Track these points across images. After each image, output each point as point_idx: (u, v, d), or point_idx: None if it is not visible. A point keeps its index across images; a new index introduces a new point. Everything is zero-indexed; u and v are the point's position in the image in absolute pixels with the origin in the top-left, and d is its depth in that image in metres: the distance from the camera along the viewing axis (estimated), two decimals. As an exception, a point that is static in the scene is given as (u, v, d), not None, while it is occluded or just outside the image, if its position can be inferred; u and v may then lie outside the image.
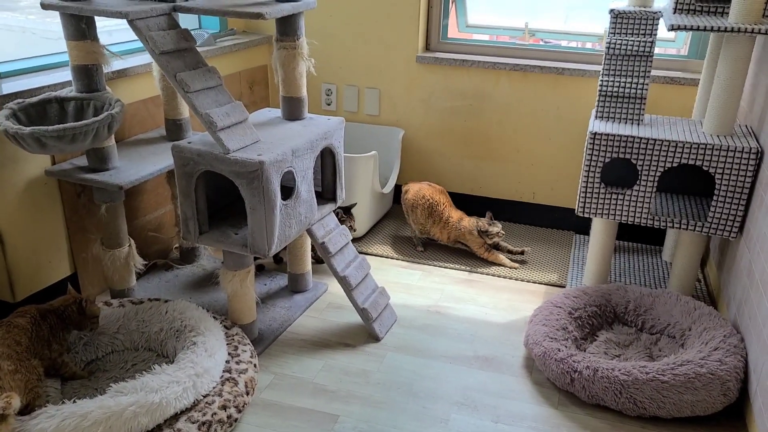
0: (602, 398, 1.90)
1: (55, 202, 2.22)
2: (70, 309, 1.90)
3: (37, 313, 1.84)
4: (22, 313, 1.83)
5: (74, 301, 1.91)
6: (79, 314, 1.90)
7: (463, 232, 2.77)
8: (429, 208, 2.81)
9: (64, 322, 1.90)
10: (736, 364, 1.87)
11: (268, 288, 2.54)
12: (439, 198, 2.83)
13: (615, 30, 2.35)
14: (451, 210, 2.83)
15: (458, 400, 1.98)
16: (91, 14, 1.89)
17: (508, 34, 3.13)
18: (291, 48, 2.09)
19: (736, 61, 2.11)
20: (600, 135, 2.25)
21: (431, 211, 2.81)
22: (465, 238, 2.78)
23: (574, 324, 2.18)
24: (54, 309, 1.89)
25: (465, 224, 2.78)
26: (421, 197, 2.82)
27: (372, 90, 3.17)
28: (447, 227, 2.80)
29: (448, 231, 2.80)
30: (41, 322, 1.83)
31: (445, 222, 2.80)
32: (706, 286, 2.61)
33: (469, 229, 2.76)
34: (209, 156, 1.88)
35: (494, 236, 2.75)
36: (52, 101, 1.98)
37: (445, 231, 2.81)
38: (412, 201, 2.84)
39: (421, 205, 2.82)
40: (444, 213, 2.81)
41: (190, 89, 1.85)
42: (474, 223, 2.77)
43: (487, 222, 2.76)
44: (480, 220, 2.77)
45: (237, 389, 1.84)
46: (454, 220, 2.80)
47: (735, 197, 2.18)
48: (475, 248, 2.79)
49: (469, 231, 2.76)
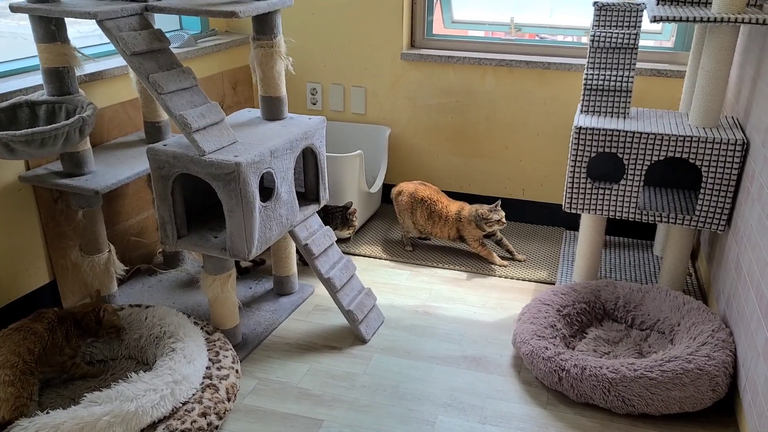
0: (591, 397, 1.87)
1: (30, 209, 2.17)
2: (89, 317, 1.90)
3: (55, 318, 1.86)
4: (40, 318, 1.84)
5: (93, 309, 1.91)
6: (96, 323, 1.91)
7: (463, 223, 2.70)
8: (428, 209, 2.74)
9: (81, 330, 1.90)
10: (724, 359, 1.84)
11: (254, 291, 2.50)
12: (437, 197, 2.77)
13: (599, 23, 2.31)
14: (450, 205, 2.76)
15: (445, 401, 1.95)
16: (60, 15, 1.85)
17: (494, 30, 3.10)
18: (268, 47, 2.06)
19: (720, 51, 2.08)
20: (585, 129, 2.21)
21: (431, 212, 2.74)
22: (464, 229, 2.71)
23: (562, 321, 2.14)
24: (72, 314, 1.90)
25: (465, 213, 2.71)
26: (420, 199, 2.75)
27: (358, 88, 3.14)
28: (447, 224, 2.73)
29: (449, 228, 2.74)
30: (57, 328, 1.84)
31: (446, 219, 2.73)
32: (697, 280, 2.58)
33: (468, 218, 2.69)
34: (185, 158, 1.85)
35: (493, 223, 2.65)
36: (22, 105, 1.94)
37: (446, 228, 2.74)
38: (409, 203, 2.78)
39: (420, 207, 2.75)
40: (443, 211, 2.74)
41: (164, 90, 1.81)
42: (474, 210, 2.69)
43: (489, 208, 2.66)
44: (482, 207, 2.68)
45: (218, 396, 1.81)
46: (452, 214, 2.73)
47: (722, 190, 2.14)
48: (470, 240, 2.73)
49: (468, 221, 2.69)
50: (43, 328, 1.81)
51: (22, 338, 1.75)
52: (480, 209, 2.67)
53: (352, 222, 2.74)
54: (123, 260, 2.35)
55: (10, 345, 1.73)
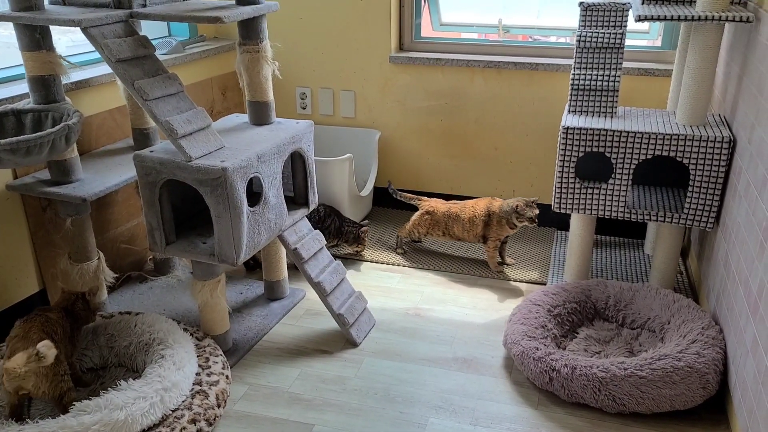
0: (581, 396, 1.87)
1: (18, 217, 2.17)
2: (78, 305, 1.89)
3: (62, 310, 1.86)
4: (50, 309, 1.85)
5: (78, 296, 1.90)
6: (86, 309, 1.90)
7: (492, 218, 2.60)
8: (455, 220, 2.67)
9: (76, 320, 1.89)
10: (714, 357, 1.84)
11: (244, 296, 2.50)
12: (461, 205, 2.70)
13: (585, 23, 2.32)
14: (476, 204, 2.67)
15: (436, 403, 1.94)
16: (44, 24, 1.84)
17: (486, 32, 3.10)
18: (254, 52, 2.06)
19: (705, 49, 2.09)
20: (573, 129, 2.22)
21: (458, 220, 2.67)
22: (491, 225, 2.61)
23: (553, 321, 2.15)
24: (65, 307, 1.89)
25: (495, 209, 2.61)
26: (454, 215, 2.68)
27: (347, 92, 3.14)
28: (474, 225, 2.64)
29: (475, 228, 2.64)
30: (66, 319, 1.85)
31: (472, 221, 2.64)
32: (687, 278, 2.58)
33: (499, 214, 2.59)
34: (171, 164, 1.84)
35: (524, 220, 2.54)
36: (8, 114, 1.93)
37: (472, 230, 2.65)
38: (444, 220, 2.70)
39: (448, 222, 2.69)
40: (470, 213, 2.65)
41: (149, 97, 1.81)
42: (507, 204, 2.58)
43: (526, 203, 2.54)
44: (518, 201, 2.55)
45: (208, 402, 1.80)
46: (480, 211, 2.63)
47: (710, 187, 2.15)
48: (491, 239, 2.64)
49: (499, 217, 2.58)
50: (57, 317, 1.82)
51: (44, 321, 1.77)
52: (517, 203, 2.55)
53: (363, 241, 2.75)
54: (113, 268, 2.35)
55: (38, 326, 1.74)
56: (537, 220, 2.56)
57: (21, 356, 1.59)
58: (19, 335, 1.71)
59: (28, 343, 1.66)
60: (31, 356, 1.58)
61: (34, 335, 1.70)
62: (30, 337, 1.69)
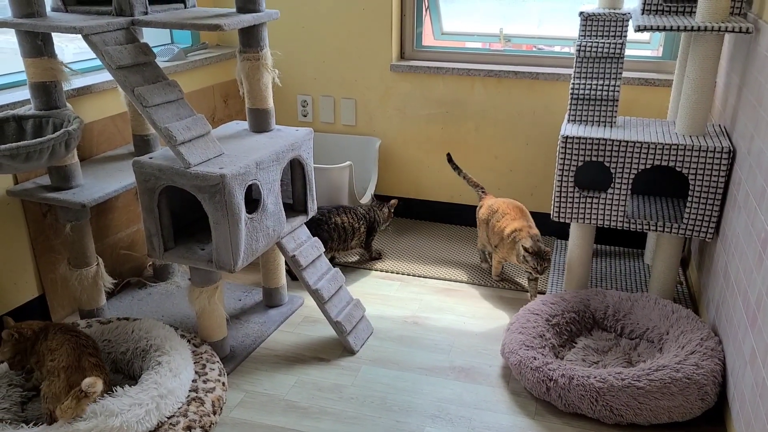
0: (579, 407, 1.86)
1: (18, 223, 2.18)
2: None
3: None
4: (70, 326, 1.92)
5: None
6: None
7: (506, 241, 2.46)
8: (493, 224, 2.56)
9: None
10: (713, 368, 1.83)
11: (243, 303, 2.50)
12: (504, 212, 2.55)
13: (585, 32, 2.33)
14: (513, 222, 2.49)
15: (433, 412, 1.93)
16: (46, 30, 1.86)
17: (483, 41, 3.11)
18: (254, 59, 2.07)
19: (705, 60, 2.09)
20: (572, 138, 2.22)
21: (493, 228, 2.56)
22: (505, 245, 2.48)
23: (551, 331, 2.14)
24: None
25: (509, 231, 2.46)
26: (494, 211, 2.58)
27: (348, 100, 3.15)
28: (504, 244, 2.50)
29: (494, 239, 2.55)
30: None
31: (500, 237, 2.51)
32: (688, 288, 2.57)
33: (511, 240, 2.44)
34: (170, 171, 1.85)
35: (530, 269, 2.38)
36: (9, 120, 1.94)
37: (503, 249, 2.52)
38: (485, 216, 2.62)
39: (491, 220, 2.58)
40: (501, 227, 2.51)
41: (149, 103, 1.82)
42: (519, 236, 2.41)
43: (536, 250, 2.34)
44: (531, 240, 2.37)
45: (203, 409, 1.80)
46: (507, 232, 2.48)
47: (709, 198, 2.15)
48: (499, 253, 2.53)
49: (511, 243, 2.44)
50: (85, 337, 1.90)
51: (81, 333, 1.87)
52: (525, 243, 2.36)
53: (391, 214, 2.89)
54: (113, 273, 2.35)
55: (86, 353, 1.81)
56: (540, 274, 2.40)
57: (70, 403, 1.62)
58: (72, 366, 1.74)
59: (82, 374, 1.72)
60: (80, 398, 1.62)
61: (85, 363, 1.76)
62: (83, 366, 1.75)
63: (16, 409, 1.79)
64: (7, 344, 1.83)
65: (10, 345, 1.83)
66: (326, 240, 2.62)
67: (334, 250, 2.70)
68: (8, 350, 1.83)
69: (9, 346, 1.83)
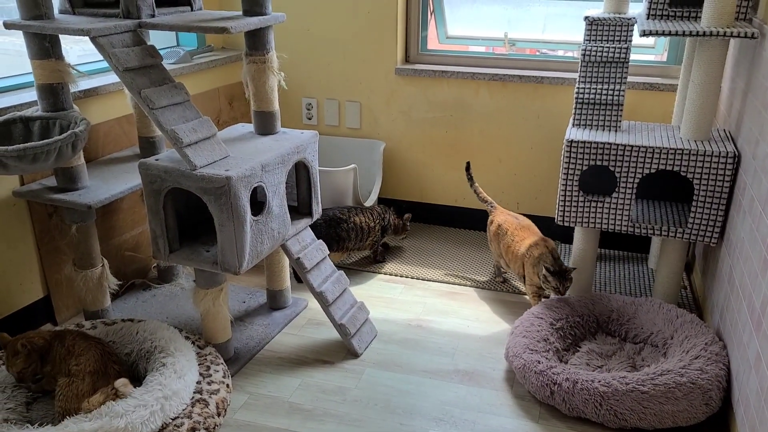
0: (583, 411, 1.86)
1: (24, 224, 2.18)
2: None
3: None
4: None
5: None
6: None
7: (528, 259, 2.34)
8: (505, 240, 2.48)
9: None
10: (717, 373, 1.83)
11: (247, 305, 2.50)
12: (514, 229, 2.47)
13: (590, 37, 2.33)
14: (526, 239, 2.40)
15: (436, 415, 1.93)
16: (54, 32, 1.87)
17: (488, 45, 3.12)
18: (260, 62, 2.08)
19: (710, 65, 2.09)
20: (576, 143, 2.22)
21: (506, 245, 2.47)
22: (526, 266, 2.36)
23: (555, 335, 2.14)
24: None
25: (525, 247, 2.37)
26: (503, 230, 2.50)
27: (353, 103, 3.16)
28: (516, 260, 2.42)
29: (517, 264, 2.43)
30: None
31: (514, 254, 2.42)
32: (692, 293, 2.57)
33: (531, 259, 2.32)
34: (176, 172, 1.86)
35: (549, 287, 2.26)
36: (16, 121, 1.95)
37: (515, 264, 2.44)
38: (495, 231, 2.55)
39: (501, 236, 2.50)
40: (515, 245, 2.42)
41: (155, 106, 1.83)
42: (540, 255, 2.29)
43: (556, 269, 2.23)
44: (551, 257, 2.26)
45: (208, 410, 1.80)
46: (522, 250, 2.38)
47: (714, 203, 2.14)
48: (527, 283, 2.39)
49: (533, 262, 2.30)
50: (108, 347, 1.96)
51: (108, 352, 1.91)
52: (545, 262, 2.25)
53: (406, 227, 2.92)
54: (118, 275, 2.36)
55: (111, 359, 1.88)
56: (563, 293, 2.24)
57: (99, 397, 1.71)
58: (99, 371, 1.80)
59: (108, 379, 1.79)
60: (110, 396, 1.71)
61: (111, 370, 1.83)
62: (109, 373, 1.82)
63: (21, 409, 1.79)
64: (20, 356, 1.82)
65: (23, 356, 1.82)
66: (344, 239, 2.66)
67: (350, 250, 2.73)
68: (20, 362, 1.82)
69: (22, 357, 1.82)
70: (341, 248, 2.68)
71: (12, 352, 1.83)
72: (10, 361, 1.83)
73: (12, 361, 1.82)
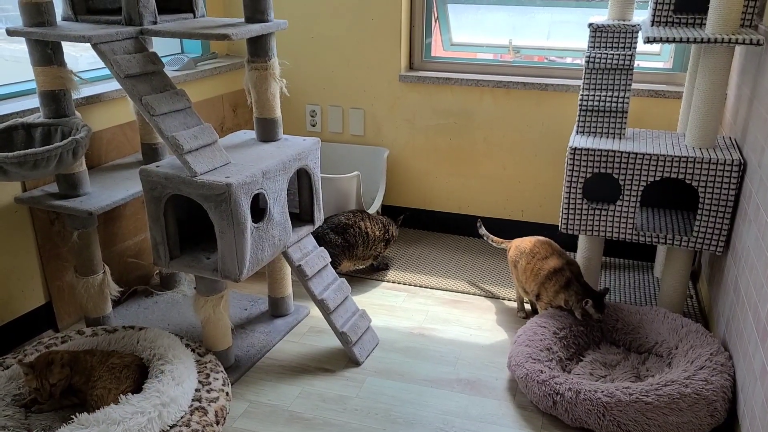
0: (585, 421, 1.83)
1: (26, 230, 2.19)
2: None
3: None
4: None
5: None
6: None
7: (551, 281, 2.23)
8: (525, 264, 2.35)
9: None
10: (723, 384, 1.80)
11: (249, 313, 2.49)
12: (535, 251, 2.34)
13: (594, 44, 2.32)
14: (548, 260, 2.28)
15: (438, 425, 1.91)
16: (56, 39, 1.87)
17: (493, 52, 3.11)
18: (262, 69, 2.07)
19: (715, 72, 2.07)
20: (580, 150, 2.20)
21: (525, 268, 2.34)
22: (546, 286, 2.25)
23: (559, 344, 2.11)
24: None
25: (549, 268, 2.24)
26: (522, 252, 2.37)
27: (356, 110, 3.15)
28: (536, 280, 2.29)
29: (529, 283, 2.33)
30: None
31: (536, 275, 2.29)
32: (698, 302, 2.54)
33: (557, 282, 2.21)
34: (176, 179, 1.85)
35: (577, 309, 2.17)
36: (18, 128, 1.96)
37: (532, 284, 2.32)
38: (513, 257, 2.42)
39: (521, 260, 2.37)
40: (535, 266, 2.30)
41: (156, 112, 1.83)
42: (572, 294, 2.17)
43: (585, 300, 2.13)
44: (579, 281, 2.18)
45: (206, 419, 1.79)
46: (545, 271, 2.26)
47: (719, 211, 2.12)
48: (542, 301, 2.29)
49: (558, 288, 2.21)
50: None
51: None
52: (577, 291, 2.14)
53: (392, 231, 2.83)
54: (120, 282, 2.35)
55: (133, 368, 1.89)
56: (598, 318, 2.14)
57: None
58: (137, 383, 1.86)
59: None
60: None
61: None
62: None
63: (19, 416, 1.78)
64: (55, 365, 1.79)
65: (58, 367, 1.79)
66: (353, 245, 2.63)
67: (357, 258, 2.68)
68: (57, 371, 1.79)
69: (57, 367, 1.79)
70: (352, 256, 2.65)
71: (45, 363, 1.79)
72: (43, 373, 1.78)
73: (46, 372, 1.78)
